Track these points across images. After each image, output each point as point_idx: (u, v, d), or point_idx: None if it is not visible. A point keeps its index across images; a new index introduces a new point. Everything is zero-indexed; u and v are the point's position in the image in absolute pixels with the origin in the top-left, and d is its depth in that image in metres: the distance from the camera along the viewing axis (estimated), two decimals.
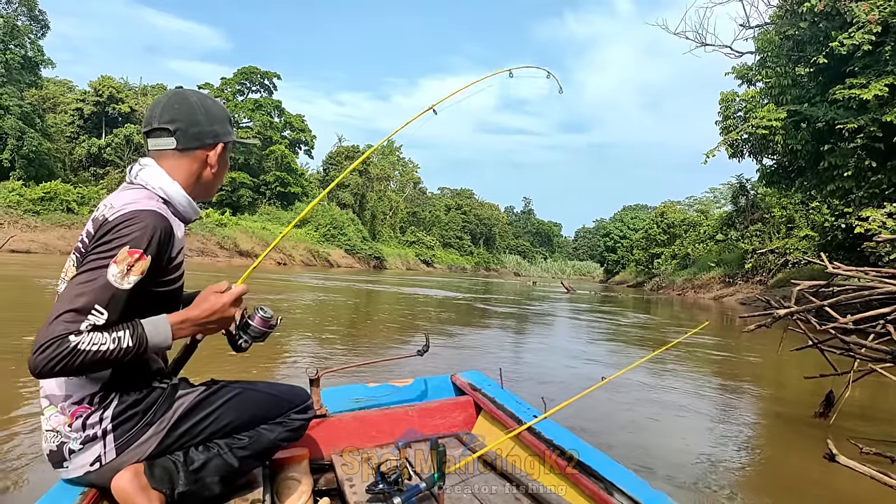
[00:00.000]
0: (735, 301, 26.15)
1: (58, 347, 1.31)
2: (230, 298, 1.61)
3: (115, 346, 1.38)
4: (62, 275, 1.57)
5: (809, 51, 18.65)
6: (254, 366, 5.34)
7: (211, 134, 1.68)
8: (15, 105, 37.16)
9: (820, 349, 4.78)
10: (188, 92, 1.70)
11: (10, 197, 26.84)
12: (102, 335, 1.36)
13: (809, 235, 25.72)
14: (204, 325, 1.57)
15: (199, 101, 1.68)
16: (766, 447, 4.20)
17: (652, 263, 49.50)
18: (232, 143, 1.77)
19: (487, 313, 14.49)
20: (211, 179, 1.73)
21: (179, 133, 1.63)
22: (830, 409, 4.51)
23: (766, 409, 5.51)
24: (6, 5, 40.65)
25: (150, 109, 1.68)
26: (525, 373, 6.14)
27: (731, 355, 8.87)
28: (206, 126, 1.66)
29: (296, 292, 15.83)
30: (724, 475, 3.32)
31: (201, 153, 1.68)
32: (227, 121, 1.75)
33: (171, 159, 1.65)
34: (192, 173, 1.67)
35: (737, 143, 21.48)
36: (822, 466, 3.00)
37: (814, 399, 4.80)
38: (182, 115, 1.64)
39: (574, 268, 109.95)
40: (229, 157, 1.81)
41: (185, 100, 1.66)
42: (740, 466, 3.60)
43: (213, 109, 1.70)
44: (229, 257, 37.18)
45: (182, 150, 1.65)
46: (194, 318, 1.55)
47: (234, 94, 58.63)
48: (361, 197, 66.96)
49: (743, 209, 34.05)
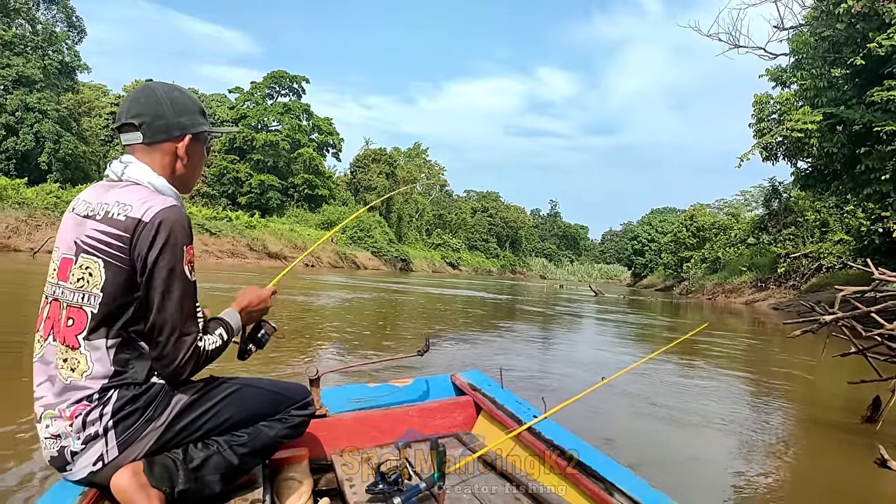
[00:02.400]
0: (767, 306, 25.58)
1: (195, 355, 1.56)
2: (268, 293, 1.89)
3: (222, 342, 1.65)
4: (54, 280, 1.57)
5: (846, 52, 18.21)
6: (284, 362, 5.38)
7: (178, 126, 1.66)
8: (52, 109, 38.17)
9: (865, 356, 4.66)
10: (155, 84, 1.69)
11: (48, 199, 27.51)
12: (213, 336, 1.63)
13: (844, 240, 25.03)
14: (251, 313, 1.84)
15: (164, 94, 1.66)
16: (808, 452, 4.13)
17: (681, 267, 48.74)
18: (203, 133, 1.74)
19: (525, 313, 14.41)
20: (184, 172, 1.72)
21: (145, 126, 1.63)
22: (878, 415, 4.39)
23: (805, 413, 5.40)
24: (45, 12, 41.93)
25: (120, 105, 1.69)
26: (550, 373, 6.08)
27: (766, 360, 8.71)
28: (171, 118, 1.65)
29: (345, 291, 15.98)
30: (769, 479, 3.28)
31: (169, 146, 1.66)
32: (198, 112, 1.73)
33: (141, 154, 1.65)
34: (165, 166, 1.67)
35: (771, 145, 21.06)
36: (868, 472, 2.92)
37: (851, 405, 4.67)
38: (147, 108, 1.63)
39: (601, 271, 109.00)
40: (206, 149, 1.79)
41: (150, 93, 1.65)
42: (785, 471, 3.56)
43: (180, 101, 1.68)
44: (258, 259, 37.65)
45: (149, 144, 1.64)
46: (247, 305, 1.82)
47: (264, 98, 59.42)
48: (388, 199, 67.30)
49: (775, 212, 33.30)
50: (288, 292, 14.08)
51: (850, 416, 4.62)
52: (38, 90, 37.92)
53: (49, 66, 39.45)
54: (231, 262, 33.23)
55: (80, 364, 1.50)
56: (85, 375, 1.49)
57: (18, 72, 37.07)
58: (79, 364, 1.50)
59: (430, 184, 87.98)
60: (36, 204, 26.88)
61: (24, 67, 37.27)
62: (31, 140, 37.09)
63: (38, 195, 28.10)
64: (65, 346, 1.51)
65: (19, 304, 8.80)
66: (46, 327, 1.56)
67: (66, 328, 1.51)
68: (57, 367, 1.52)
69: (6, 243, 23.51)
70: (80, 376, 1.50)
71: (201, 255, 32.05)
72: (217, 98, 60.74)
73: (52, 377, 1.53)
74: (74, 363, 1.50)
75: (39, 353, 1.56)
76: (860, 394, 4.67)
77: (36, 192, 28.37)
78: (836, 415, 5.21)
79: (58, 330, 1.53)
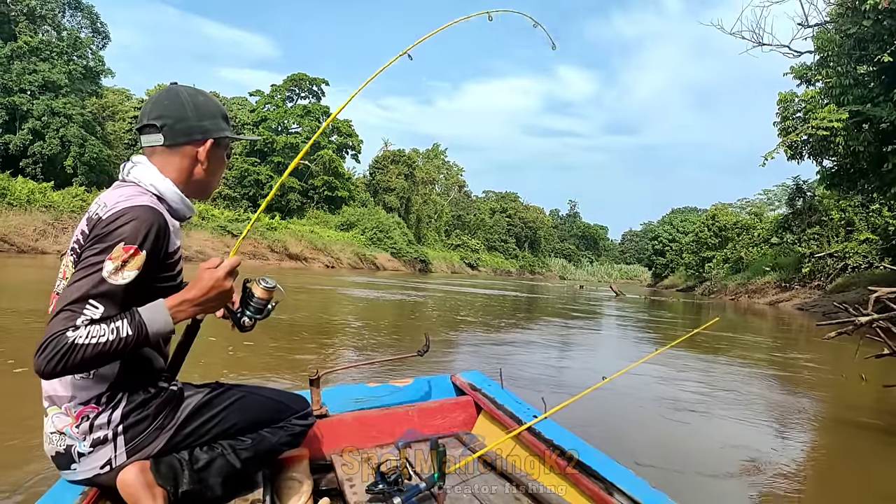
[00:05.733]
0: (791, 307, 25.19)
1: (57, 344, 1.31)
2: (223, 272, 1.56)
3: (115, 337, 1.36)
4: (59, 275, 1.59)
5: (872, 49, 17.82)
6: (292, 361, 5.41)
7: (200, 129, 1.65)
8: (77, 114, 38.89)
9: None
10: (180, 88, 1.68)
11: (74, 202, 28.06)
12: (100, 327, 1.35)
13: (870, 239, 24.55)
14: (203, 304, 1.53)
15: (188, 97, 1.66)
16: (849, 455, 4.07)
17: (703, 267, 48.24)
18: (225, 139, 1.73)
19: (547, 313, 14.36)
20: (204, 177, 1.70)
21: (167, 129, 1.61)
22: None
23: (837, 415, 5.31)
24: (70, 18, 42.76)
25: (143, 106, 1.68)
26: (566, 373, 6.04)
27: (792, 361, 8.56)
28: (194, 121, 1.64)
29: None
30: (811, 482, 3.26)
31: (190, 149, 1.65)
32: (221, 117, 1.71)
33: (161, 156, 1.64)
34: (183, 170, 1.66)
35: (796, 144, 20.72)
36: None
37: (883, 406, 4.57)
38: (170, 110, 1.62)
39: (621, 271, 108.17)
40: (226, 155, 1.77)
41: (174, 96, 1.65)
42: (826, 471, 3.55)
43: (203, 105, 1.67)
44: (279, 260, 38.02)
45: (170, 146, 1.63)
46: (192, 297, 1.51)
47: (284, 101, 59.95)
48: (407, 200, 67.45)
49: (800, 211, 32.78)
50: (306, 290, 14.18)
51: (881, 417, 4.52)
52: (63, 95, 38.67)
53: (74, 71, 40.16)
54: (253, 263, 33.58)
55: None
56: (92, 372, 1.50)
57: (44, 77, 37.85)
58: None
59: (448, 184, 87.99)
60: (62, 207, 27.47)
61: (49, 73, 38.04)
62: (56, 144, 37.85)
63: (65, 198, 28.70)
64: None
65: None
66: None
67: None
68: None
69: (34, 246, 24.05)
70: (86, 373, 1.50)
71: (223, 258, 32.40)
72: (238, 101, 61.46)
73: None
74: None
75: None
76: (890, 397, 4.57)
77: (62, 196, 28.97)
78: (868, 415, 5.09)
79: None
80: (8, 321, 6.93)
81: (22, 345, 5.41)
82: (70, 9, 42.55)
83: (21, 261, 19.87)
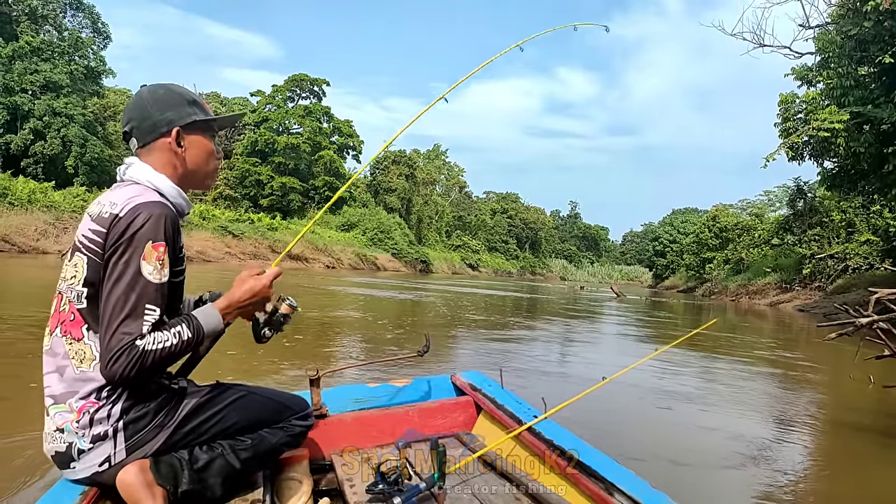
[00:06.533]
0: (792, 308, 25.18)
1: (129, 354, 1.42)
2: (269, 279, 1.71)
3: (178, 340, 1.49)
4: (62, 275, 1.60)
5: (873, 50, 17.81)
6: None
7: (164, 122, 1.66)
8: (79, 114, 38.95)
9: None
10: (143, 89, 1.71)
11: (75, 202, 28.07)
12: (163, 333, 1.47)
13: (871, 240, 24.54)
14: (245, 307, 1.68)
15: (148, 94, 1.68)
16: (848, 457, 4.08)
17: (703, 268, 48.21)
18: (198, 123, 1.71)
19: (549, 314, 14.36)
20: (190, 166, 1.71)
21: (136, 130, 1.66)
22: None
23: (837, 417, 5.31)
24: (71, 19, 42.81)
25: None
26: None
27: (792, 362, 8.56)
28: (157, 116, 1.65)
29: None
30: (811, 482, 3.29)
31: (162, 142, 1.66)
32: (187, 103, 1.70)
33: (144, 156, 1.67)
34: (165, 164, 1.67)
35: (797, 145, 20.71)
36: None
37: (882, 407, 4.57)
38: (135, 112, 1.67)
39: (622, 272, 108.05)
40: (211, 138, 1.76)
41: (137, 97, 1.69)
42: (826, 472, 3.57)
43: (164, 97, 1.68)
44: (281, 260, 37.96)
45: (145, 146, 1.67)
46: (237, 301, 1.65)
47: (285, 101, 59.93)
48: (408, 201, 67.41)
49: (800, 213, 32.76)
50: (309, 291, 14.19)
51: (881, 418, 4.52)
52: (64, 95, 38.72)
53: (75, 71, 40.20)
54: (253, 264, 33.28)
55: (87, 354, 1.52)
56: (93, 366, 1.51)
57: (46, 77, 37.91)
58: (85, 354, 1.52)
59: (449, 185, 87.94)
60: (63, 207, 27.51)
61: (51, 73, 38.10)
62: (58, 144, 37.91)
63: (66, 198, 28.73)
64: (70, 337, 1.54)
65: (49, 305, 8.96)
66: (54, 320, 1.59)
67: (69, 322, 1.55)
68: (65, 356, 1.54)
69: (35, 245, 24.07)
70: (88, 366, 1.51)
71: (224, 258, 32.47)
72: (239, 101, 61.46)
73: (60, 368, 1.55)
74: (81, 354, 1.52)
75: (48, 346, 1.59)
76: (890, 398, 4.57)
77: (63, 196, 29.01)
78: (868, 417, 5.09)
79: (64, 323, 1.56)
80: (8, 321, 6.93)
81: (22, 345, 5.40)
82: (71, 9, 42.62)
83: (22, 261, 19.88)
